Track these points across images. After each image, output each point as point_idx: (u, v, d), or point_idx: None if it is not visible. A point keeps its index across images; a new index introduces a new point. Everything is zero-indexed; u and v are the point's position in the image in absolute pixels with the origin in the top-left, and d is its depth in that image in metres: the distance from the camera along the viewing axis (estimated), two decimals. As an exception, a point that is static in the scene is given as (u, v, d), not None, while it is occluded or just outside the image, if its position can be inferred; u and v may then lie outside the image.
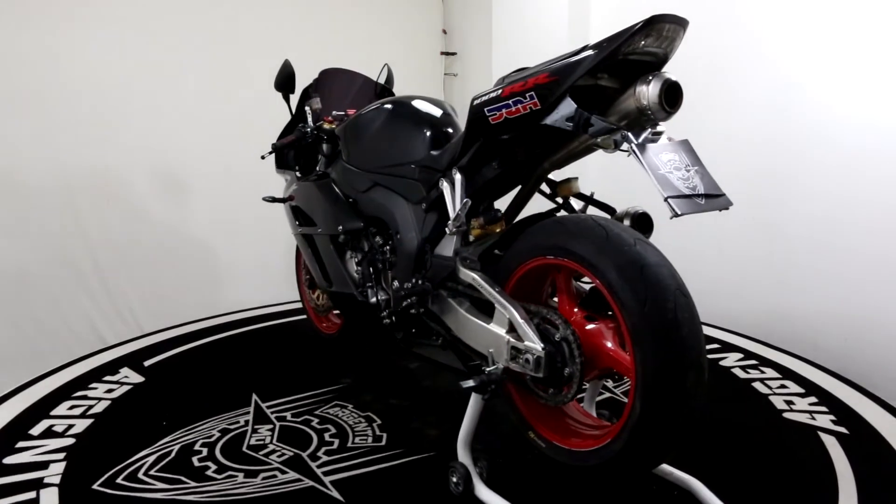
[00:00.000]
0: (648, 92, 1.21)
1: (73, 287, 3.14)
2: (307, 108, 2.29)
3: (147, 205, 3.37)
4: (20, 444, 1.77)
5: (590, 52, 1.25)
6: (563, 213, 1.68)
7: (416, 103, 1.98)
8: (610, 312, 1.49)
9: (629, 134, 1.24)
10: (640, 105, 1.23)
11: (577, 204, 1.69)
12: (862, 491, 1.53)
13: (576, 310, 1.47)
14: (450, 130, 1.93)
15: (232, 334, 2.86)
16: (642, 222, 1.50)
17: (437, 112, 1.96)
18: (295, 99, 2.42)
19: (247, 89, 3.20)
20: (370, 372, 2.37)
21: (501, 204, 1.76)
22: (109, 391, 2.17)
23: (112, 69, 3.16)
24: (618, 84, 1.36)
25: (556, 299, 1.59)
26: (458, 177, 1.60)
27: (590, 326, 1.40)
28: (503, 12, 3.75)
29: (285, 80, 2.31)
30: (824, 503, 1.50)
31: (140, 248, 3.34)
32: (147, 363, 2.45)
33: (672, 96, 1.22)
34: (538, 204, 1.80)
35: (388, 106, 2.00)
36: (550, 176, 1.67)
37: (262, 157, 2.33)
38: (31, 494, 1.52)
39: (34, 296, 3.02)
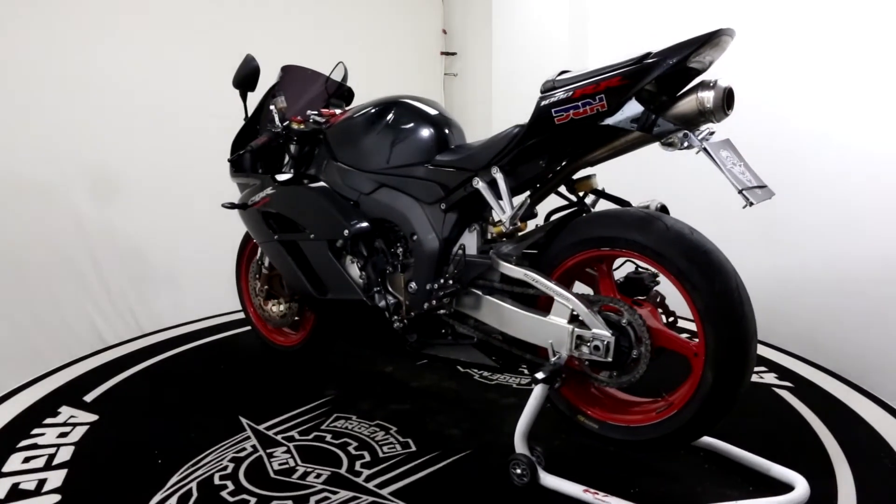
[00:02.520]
0: (712, 97, 1.35)
1: (73, 287, 3.01)
2: (272, 108, 2.14)
3: (148, 205, 3.25)
4: (-11, 512, 1.47)
5: (659, 59, 1.36)
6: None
7: (419, 104, 1.96)
8: (643, 297, 1.63)
9: (690, 134, 1.38)
10: (703, 108, 1.37)
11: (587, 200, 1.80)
12: (831, 427, 1.86)
13: (618, 296, 1.59)
14: (451, 131, 1.94)
15: (169, 356, 2.56)
16: (663, 214, 1.66)
17: (441, 112, 1.96)
18: (254, 97, 2.24)
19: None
20: (351, 380, 2.28)
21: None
22: (63, 435, 1.85)
23: (115, 68, 3.07)
24: (655, 88, 1.50)
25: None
26: (499, 175, 1.63)
27: (644, 310, 1.52)
28: (503, 12, 3.76)
29: (247, 78, 2.13)
30: (804, 438, 1.80)
31: (141, 248, 3.24)
32: (88, 398, 2.12)
33: (729, 100, 1.38)
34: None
35: (392, 106, 1.95)
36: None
37: (230, 160, 2.13)
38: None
39: (34, 296, 2.89)
